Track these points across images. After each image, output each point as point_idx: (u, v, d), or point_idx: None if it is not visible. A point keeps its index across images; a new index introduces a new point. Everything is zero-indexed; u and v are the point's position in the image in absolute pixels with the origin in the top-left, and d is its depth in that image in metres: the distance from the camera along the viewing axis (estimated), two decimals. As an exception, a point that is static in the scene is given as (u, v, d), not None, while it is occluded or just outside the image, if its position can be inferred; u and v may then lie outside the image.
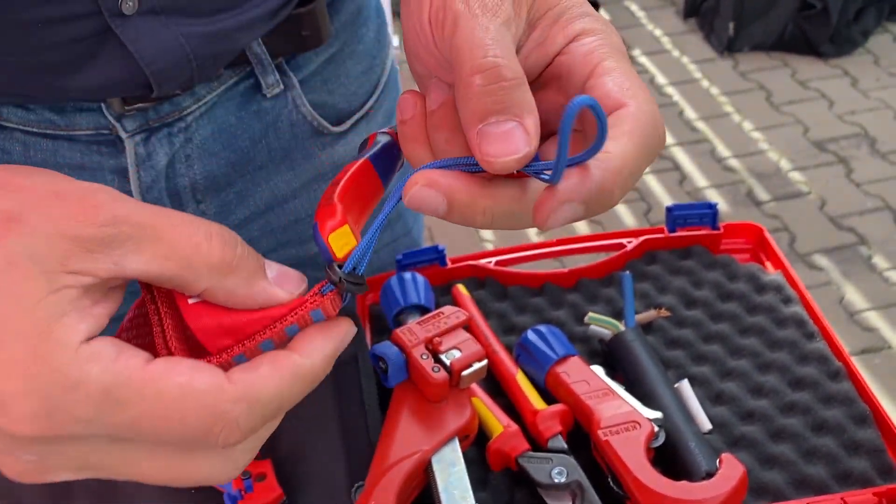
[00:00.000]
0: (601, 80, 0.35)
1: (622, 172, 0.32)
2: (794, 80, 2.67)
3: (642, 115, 0.33)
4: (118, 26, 0.50)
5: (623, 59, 0.35)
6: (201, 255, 0.31)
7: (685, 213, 0.71)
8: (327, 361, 0.33)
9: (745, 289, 0.66)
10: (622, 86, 0.34)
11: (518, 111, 0.33)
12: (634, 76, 0.35)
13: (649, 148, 0.34)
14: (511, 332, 0.65)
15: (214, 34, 0.54)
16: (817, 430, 0.56)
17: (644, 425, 0.52)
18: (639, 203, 2.25)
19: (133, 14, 0.50)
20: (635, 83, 0.35)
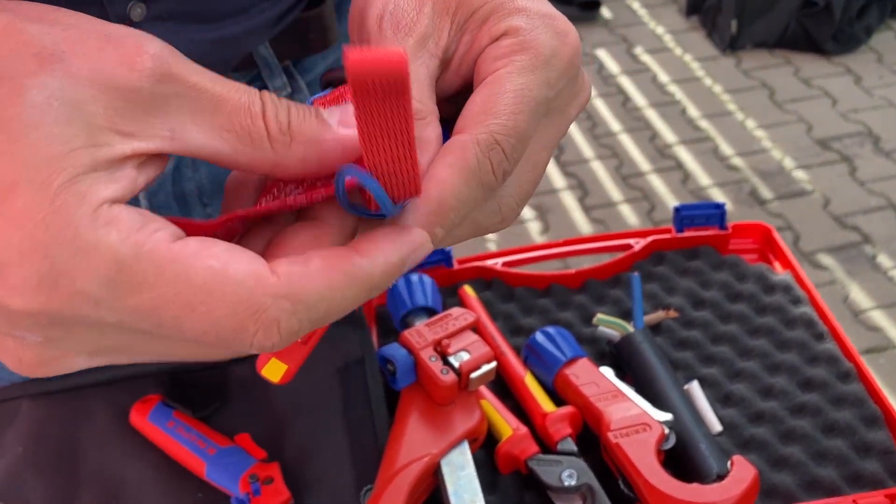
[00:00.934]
0: (473, 97, 0.31)
1: (440, 212, 0.29)
2: (797, 77, 2.66)
3: (471, 146, 0.30)
4: None
5: (524, 69, 0.31)
6: (258, 127, 0.27)
7: (693, 214, 0.71)
8: (390, 270, 0.27)
9: (753, 289, 0.66)
10: (483, 108, 0.30)
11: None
12: (513, 94, 0.31)
13: (475, 179, 0.30)
14: (518, 333, 0.65)
15: (222, 40, 0.54)
16: (828, 431, 0.56)
17: (654, 427, 0.52)
18: (642, 202, 2.24)
19: (141, 21, 0.50)
20: (502, 105, 0.30)
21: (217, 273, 0.25)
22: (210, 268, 0.25)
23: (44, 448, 0.57)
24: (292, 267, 0.26)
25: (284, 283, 0.25)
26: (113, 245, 0.24)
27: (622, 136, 2.48)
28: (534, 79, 0.31)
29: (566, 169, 2.38)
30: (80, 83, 0.25)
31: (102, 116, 0.25)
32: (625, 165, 2.38)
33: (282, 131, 0.27)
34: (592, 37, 2.94)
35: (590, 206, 2.24)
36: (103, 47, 0.26)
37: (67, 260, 0.24)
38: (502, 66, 0.31)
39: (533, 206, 2.25)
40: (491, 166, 0.30)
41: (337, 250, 0.27)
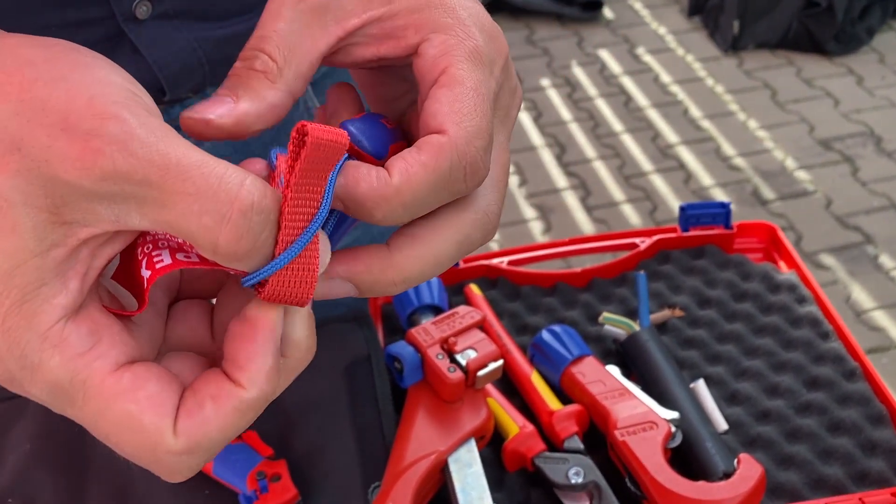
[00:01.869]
0: (435, 93, 0.31)
1: (390, 201, 0.29)
2: (799, 78, 2.66)
3: (450, 151, 0.30)
4: (131, 31, 0.50)
5: (471, 66, 0.31)
6: (206, 239, 0.26)
7: (698, 213, 0.71)
8: (271, 381, 0.29)
9: (758, 288, 0.66)
10: (448, 110, 0.30)
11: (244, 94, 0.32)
12: (469, 98, 0.31)
13: (444, 185, 0.30)
14: (524, 331, 0.65)
15: (227, 38, 0.54)
16: (834, 430, 0.56)
17: (661, 425, 0.52)
18: (644, 202, 2.24)
19: (146, 19, 0.50)
20: (466, 110, 0.30)
21: (132, 419, 0.27)
22: (127, 412, 0.27)
23: (52, 445, 0.57)
24: (189, 422, 0.28)
25: (182, 442, 0.28)
26: (53, 368, 0.27)
27: (624, 137, 2.49)
28: (483, 76, 0.32)
29: (568, 169, 2.38)
30: (28, 179, 0.26)
31: (47, 211, 0.26)
32: (627, 165, 2.38)
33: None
34: (594, 37, 2.94)
35: (592, 206, 2.24)
36: (52, 143, 0.26)
37: (16, 372, 0.27)
38: (448, 66, 0.31)
39: (535, 206, 2.26)
40: (465, 174, 0.30)
41: (223, 388, 0.28)
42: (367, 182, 0.29)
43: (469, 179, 0.31)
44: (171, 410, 0.28)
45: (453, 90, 0.31)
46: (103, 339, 0.28)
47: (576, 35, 2.96)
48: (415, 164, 0.30)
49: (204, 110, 0.31)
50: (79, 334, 0.27)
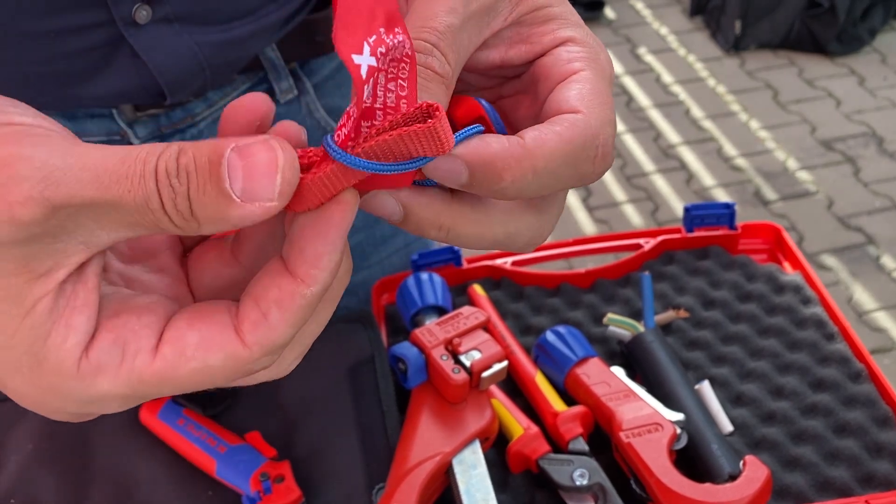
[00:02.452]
0: (568, 85, 0.32)
1: (521, 163, 0.29)
2: (800, 78, 2.66)
3: (584, 127, 0.31)
4: (131, 35, 0.50)
5: (602, 78, 0.33)
6: (162, 221, 0.26)
7: (702, 213, 0.70)
8: (332, 273, 0.28)
9: (763, 289, 0.66)
10: (584, 97, 0.32)
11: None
12: (604, 95, 0.32)
13: (574, 160, 0.30)
14: (528, 332, 0.65)
15: (228, 42, 0.53)
16: (839, 431, 0.55)
17: (666, 427, 0.52)
18: (646, 202, 2.24)
19: (146, 23, 0.50)
20: (600, 100, 0.32)
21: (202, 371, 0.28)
22: (194, 371, 0.28)
23: (54, 445, 0.57)
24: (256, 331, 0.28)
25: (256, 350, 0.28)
26: (109, 391, 0.28)
27: (626, 137, 2.48)
28: (608, 88, 0.33)
29: (570, 169, 2.38)
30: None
31: (16, 275, 0.26)
32: (628, 166, 2.37)
33: (185, 219, 0.26)
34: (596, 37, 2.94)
35: (594, 207, 2.24)
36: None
37: (83, 409, 0.29)
38: (583, 69, 0.33)
39: (537, 206, 2.25)
40: (595, 155, 0.31)
41: (285, 288, 0.28)
42: (500, 143, 0.29)
43: (598, 162, 0.31)
44: (229, 337, 0.28)
45: (585, 85, 0.32)
46: (129, 341, 0.28)
47: (577, 35, 2.95)
48: (549, 132, 0.30)
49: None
50: (107, 352, 0.27)
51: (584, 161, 0.31)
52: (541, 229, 0.33)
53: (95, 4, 0.48)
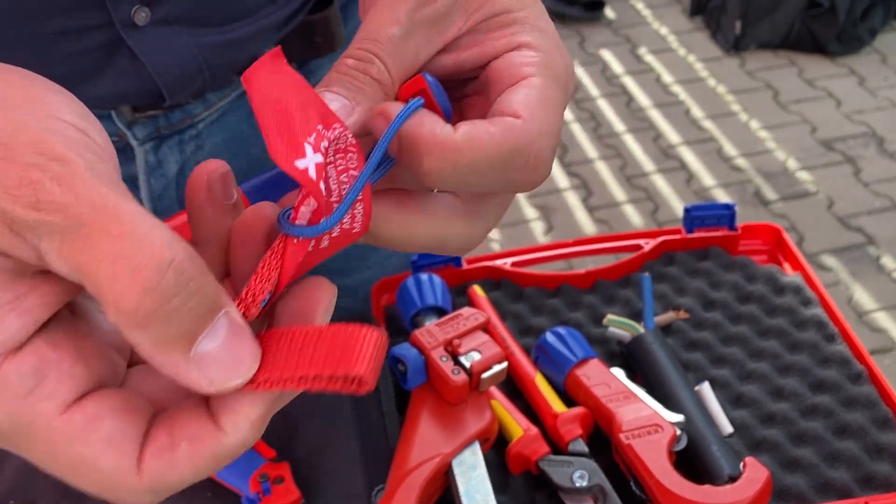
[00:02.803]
0: (516, 90, 0.31)
1: (444, 154, 0.29)
2: (801, 78, 2.66)
3: (520, 133, 0.30)
4: (130, 37, 0.50)
5: (554, 85, 0.32)
6: (111, 288, 0.23)
7: (702, 214, 0.70)
8: (256, 430, 0.26)
9: (763, 290, 0.66)
10: (529, 103, 0.31)
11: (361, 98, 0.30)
12: (552, 102, 0.31)
13: (503, 165, 0.30)
14: (527, 333, 0.65)
15: (227, 43, 0.53)
16: (839, 433, 0.55)
17: (666, 429, 0.52)
18: (646, 202, 2.24)
19: (145, 25, 0.50)
20: (545, 108, 0.31)
21: (86, 463, 0.25)
22: (80, 456, 0.25)
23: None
24: (158, 462, 0.26)
25: (147, 481, 0.26)
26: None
27: (626, 137, 2.48)
28: (560, 96, 0.32)
29: (570, 169, 2.38)
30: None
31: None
32: (628, 166, 2.37)
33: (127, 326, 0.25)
34: (596, 37, 2.94)
35: (594, 207, 2.23)
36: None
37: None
38: (533, 75, 0.32)
39: (537, 206, 2.25)
40: (528, 163, 0.30)
41: (206, 430, 0.26)
42: (431, 127, 0.29)
43: (531, 171, 0.30)
44: (133, 448, 0.26)
45: (532, 91, 0.31)
46: (49, 377, 0.25)
47: (577, 35, 2.95)
48: (483, 131, 0.30)
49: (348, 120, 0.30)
50: (19, 374, 0.24)
51: (515, 168, 0.30)
52: (470, 236, 0.33)
53: (94, 6, 0.48)
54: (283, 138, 0.25)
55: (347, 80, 0.31)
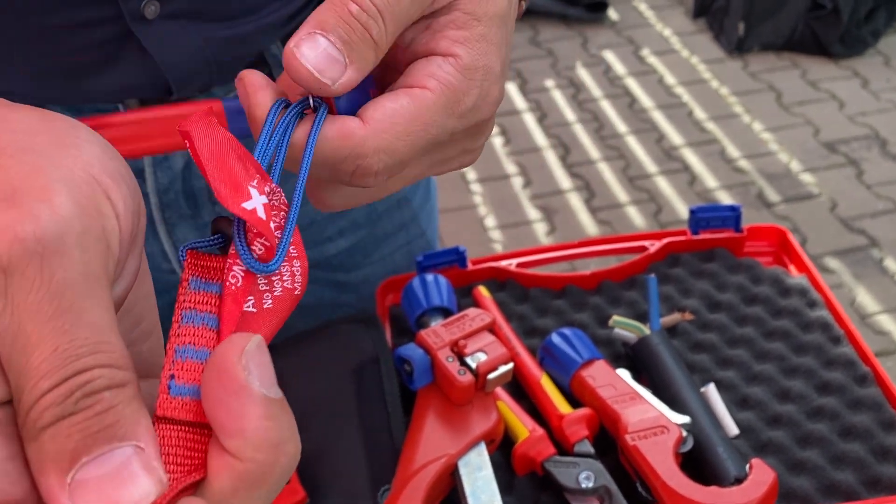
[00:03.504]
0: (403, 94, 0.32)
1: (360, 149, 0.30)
2: (804, 80, 2.66)
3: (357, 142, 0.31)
4: (139, 30, 0.50)
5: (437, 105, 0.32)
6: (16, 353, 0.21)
7: (708, 216, 0.70)
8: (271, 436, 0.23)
9: (769, 292, 0.66)
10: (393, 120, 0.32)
11: (356, 60, 0.30)
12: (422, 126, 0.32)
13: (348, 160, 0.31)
14: (533, 334, 0.65)
15: (234, 38, 0.54)
16: (845, 435, 0.55)
17: (672, 430, 0.52)
18: (648, 204, 2.24)
19: (154, 18, 0.50)
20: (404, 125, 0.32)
21: None
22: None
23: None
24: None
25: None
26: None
27: (629, 138, 2.48)
28: (440, 121, 0.32)
29: (572, 170, 2.38)
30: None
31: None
32: (631, 167, 2.37)
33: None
34: (599, 38, 2.94)
35: (596, 208, 2.23)
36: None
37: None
38: (431, 90, 0.32)
39: (539, 207, 2.25)
40: (363, 171, 0.31)
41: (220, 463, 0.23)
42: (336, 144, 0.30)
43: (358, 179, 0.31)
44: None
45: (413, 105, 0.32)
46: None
47: (580, 36, 2.95)
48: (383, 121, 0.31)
49: (321, 66, 0.30)
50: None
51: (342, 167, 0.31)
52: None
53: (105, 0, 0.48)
54: (228, 184, 0.25)
55: (346, 29, 0.30)
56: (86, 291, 0.21)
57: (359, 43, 0.30)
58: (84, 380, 0.20)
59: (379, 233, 0.73)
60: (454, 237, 2.13)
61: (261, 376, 0.23)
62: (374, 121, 0.31)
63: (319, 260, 0.70)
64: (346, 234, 0.71)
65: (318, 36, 0.30)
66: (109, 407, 0.20)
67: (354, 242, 0.72)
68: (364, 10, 0.30)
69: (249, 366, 0.22)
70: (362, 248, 0.72)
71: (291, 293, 0.27)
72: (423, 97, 0.32)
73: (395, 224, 0.73)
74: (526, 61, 2.81)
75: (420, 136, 0.32)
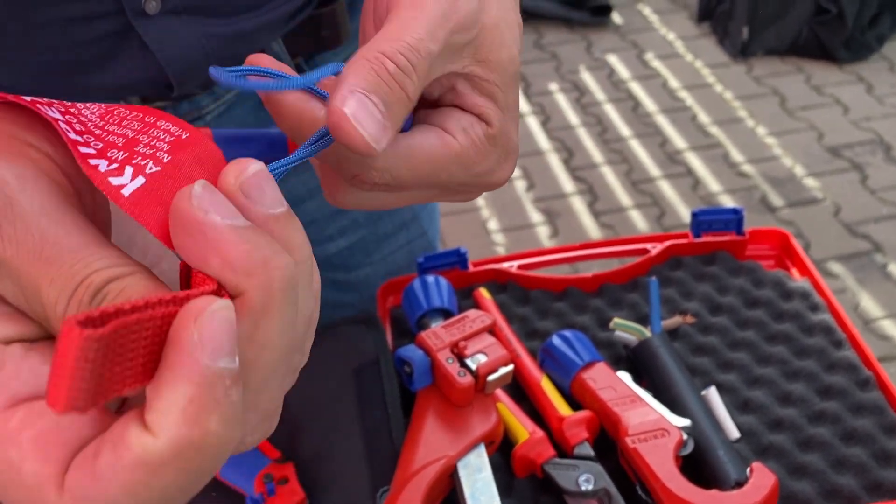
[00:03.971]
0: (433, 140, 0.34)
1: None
2: (808, 85, 2.65)
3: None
4: (140, 26, 0.50)
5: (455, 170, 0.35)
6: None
7: (710, 219, 0.70)
8: (193, 422, 0.22)
9: (771, 295, 0.66)
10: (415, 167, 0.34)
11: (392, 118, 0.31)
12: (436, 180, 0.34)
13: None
14: (533, 336, 0.65)
15: (235, 35, 0.54)
16: (847, 439, 0.55)
17: (672, 433, 0.52)
18: (652, 208, 2.24)
19: (155, 14, 0.50)
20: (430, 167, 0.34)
21: (11, 466, 0.22)
22: (7, 459, 0.22)
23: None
24: (81, 475, 0.22)
25: (67, 499, 0.22)
26: None
27: (632, 142, 2.48)
28: (454, 171, 0.35)
29: (576, 174, 2.37)
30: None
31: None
32: (635, 171, 2.37)
33: None
34: (603, 42, 2.94)
35: (599, 211, 2.23)
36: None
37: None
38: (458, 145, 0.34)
39: (542, 211, 2.25)
40: (362, 178, 0.33)
41: (125, 436, 0.22)
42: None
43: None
44: (63, 455, 0.22)
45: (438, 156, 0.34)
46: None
47: (584, 40, 2.95)
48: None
49: (376, 134, 0.30)
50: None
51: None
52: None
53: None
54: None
55: (385, 89, 0.30)
56: (49, 225, 0.24)
57: (396, 104, 0.31)
58: (84, 287, 0.24)
59: (380, 232, 0.73)
60: (457, 240, 2.12)
61: (217, 210, 0.24)
62: (395, 142, 0.32)
63: (320, 259, 0.70)
64: (347, 233, 0.71)
65: (367, 100, 0.30)
66: (117, 295, 0.24)
67: (355, 241, 0.72)
68: (401, 69, 0.31)
69: (203, 204, 0.24)
70: (363, 247, 0.72)
71: (179, 139, 0.28)
72: (450, 145, 0.34)
73: (395, 223, 0.73)
74: (530, 65, 2.81)
75: (429, 176, 0.34)
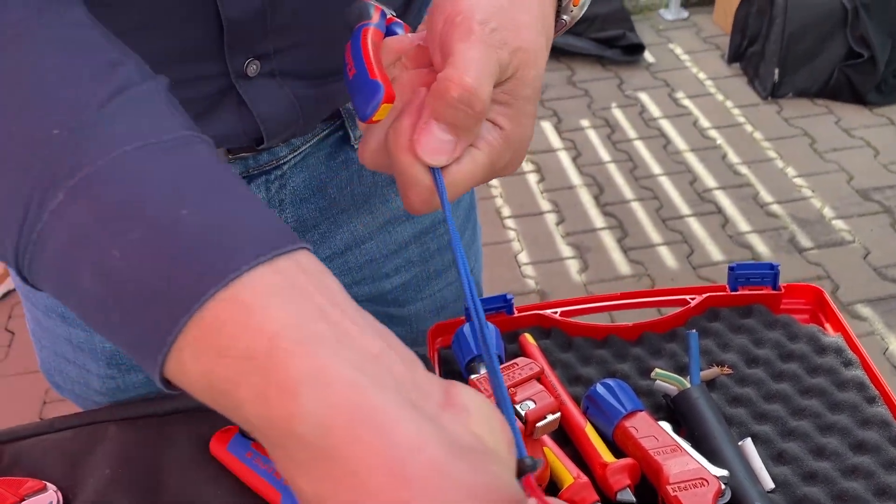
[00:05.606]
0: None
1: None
2: (838, 127, 2.67)
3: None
4: (241, 86, 0.55)
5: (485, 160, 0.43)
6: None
7: (747, 273, 0.73)
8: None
9: (805, 349, 0.68)
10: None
11: (464, 136, 0.40)
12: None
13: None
14: (576, 382, 0.68)
15: (321, 96, 0.58)
16: (880, 494, 0.57)
17: (712, 482, 0.54)
18: (681, 245, 2.26)
19: (255, 76, 0.55)
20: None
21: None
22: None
23: (130, 471, 0.61)
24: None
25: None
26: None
27: (662, 179, 2.51)
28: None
29: (606, 209, 2.40)
30: None
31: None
32: (664, 208, 2.39)
33: None
34: (635, 80, 2.98)
35: (629, 247, 2.26)
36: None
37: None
38: (479, 151, 0.43)
39: (572, 245, 2.28)
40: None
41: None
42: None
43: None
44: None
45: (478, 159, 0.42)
46: None
47: (616, 77, 2.99)
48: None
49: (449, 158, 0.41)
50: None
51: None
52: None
53: (214, 57, 0.53)
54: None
55: (456, 122, 0.39)
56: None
57: (468, 134, 0.40)
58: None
59: (430, 270, 0.77)
60: (488, 271, 2.15)
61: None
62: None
63: (375, 295, 0.74)
64: (402, 271, 0.75)
65: (434, 125, 0.40)
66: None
67: (409, 279, 0.76)
68: (465, 103, 0.39)
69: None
70: (415, 284, 0.76)
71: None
72: (475, 156, 0.42)
73: (445, 262, 0.77)
74: (562, 101, 2.85)
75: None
